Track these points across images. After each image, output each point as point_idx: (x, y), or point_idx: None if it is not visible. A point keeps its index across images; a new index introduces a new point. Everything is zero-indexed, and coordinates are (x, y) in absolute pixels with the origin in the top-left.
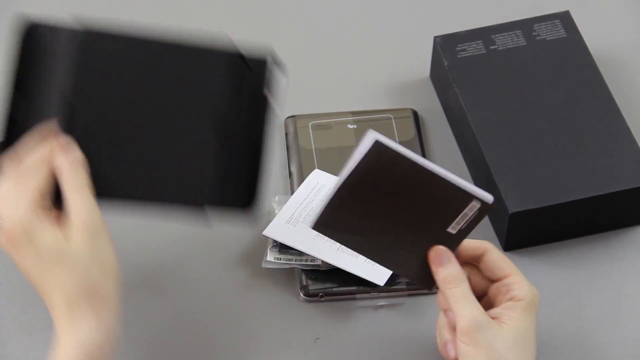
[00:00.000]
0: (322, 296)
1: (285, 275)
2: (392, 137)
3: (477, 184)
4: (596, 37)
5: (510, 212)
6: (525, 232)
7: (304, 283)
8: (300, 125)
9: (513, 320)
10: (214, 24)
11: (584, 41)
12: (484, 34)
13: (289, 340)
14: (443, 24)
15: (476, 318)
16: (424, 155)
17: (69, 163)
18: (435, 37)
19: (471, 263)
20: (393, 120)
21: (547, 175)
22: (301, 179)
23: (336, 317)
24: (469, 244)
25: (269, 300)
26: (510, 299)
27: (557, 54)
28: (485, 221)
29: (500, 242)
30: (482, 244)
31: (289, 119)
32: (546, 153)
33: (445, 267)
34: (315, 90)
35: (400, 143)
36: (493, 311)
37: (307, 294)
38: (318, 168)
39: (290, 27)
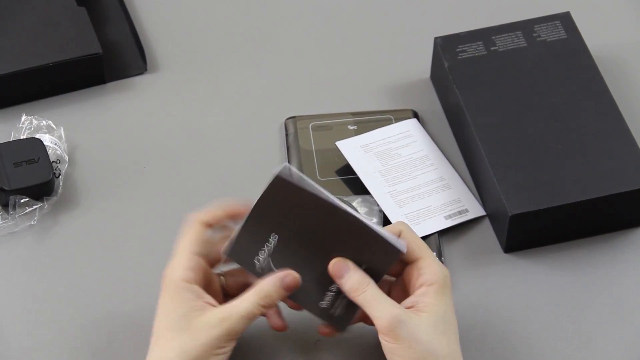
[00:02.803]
0: None
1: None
2: None
3: (478, 185)
4: (597, 38)
5: (510, 214)
6: (525, 234)
7: None
8: (301, 126)
9: (429, 306)
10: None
11: (585, 42)
12: (484, 35)
13: (289, 342)
14: (443, 24)
15: (392, 315)
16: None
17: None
18: (435, 38)
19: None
20: (393, 121)
21: (548, 177)
22: None
23: None
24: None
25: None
26: (422, 284)
27: (557, 55)
28: (486, 223)
29: (501, 244)
30: (396, 225)
31: (289, 119)
32: (546, 154)
33: (347, 276)
34: (315, 91)
35: None
36: (408, 300)
37: None
38: (318, 169)
39: (291, 27)
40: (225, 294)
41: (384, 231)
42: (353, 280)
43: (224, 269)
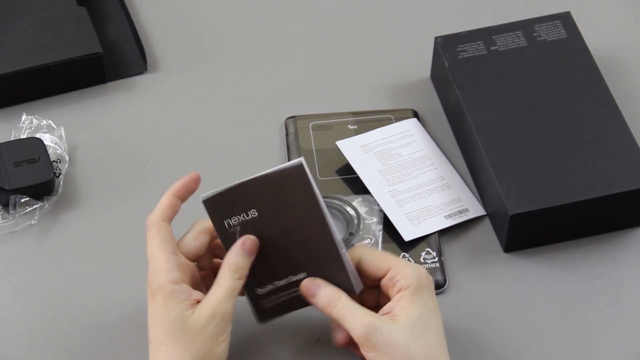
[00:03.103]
0: None
1: None
2: None
3: (478, 184)
4: (597, 37)
5: (510, 214)
6: (525, 234)
7: None
8: (301, 126)
9: (404, 309)
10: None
11: (585, 42)
12: (484, 34)
13: (289, 342)
14: (444, 24)
15: (365, 324)
16: None
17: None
18: (436, 38)
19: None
20: (393, 121)
21: (548, 177)
22: None
23: None
24: None
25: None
26: (399, 290)
27: (557, 55)
28: (486, 222)
29: (501, 244)
30: (354, 252)
31: (289, 119)
32: (546, 154)
33: (320, 293)
34: (315, 91)
35: None
36: (385, 307)
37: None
38: (319, 168)
39: (291, 27)
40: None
41: (350, 265)
42: (325, 297)
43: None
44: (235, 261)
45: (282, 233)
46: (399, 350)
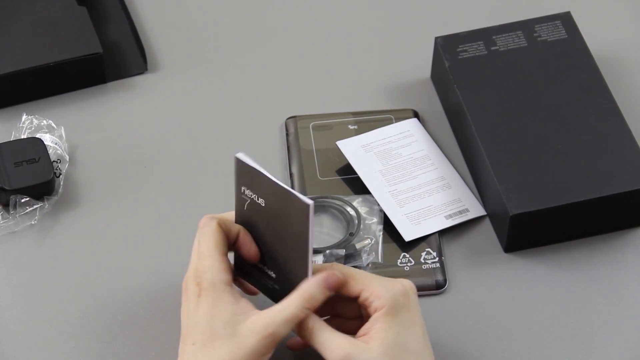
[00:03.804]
0: None
1: None
2: None
3: (478, 185)
4: (597, 38)
5: (511, 214)
6: (525, 234)
7: None
8: (301, 126)
9: (379, 332)
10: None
11: (585, 42)
12: (485, 34)
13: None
14: (444, 24)
15: (344, 353)
16: None
17: None
18: (436, 38)
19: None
20: (394, 121)
21: (548, 177)
22: (302, 180)
23: None
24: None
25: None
26: (374, 311)
27: (558, 55)
28: (486, 222)
29: (501, 244)
30: (325, 267)
31: (289, 119)
32: (547, 154)
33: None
34: (316, 91)
35: None
36: (362, 329)
37: None
38: (319, 169)
39: (291, 27)
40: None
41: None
42: (301, 324)
43: None
44: (313, 293)
45: (273, 232)
46: None
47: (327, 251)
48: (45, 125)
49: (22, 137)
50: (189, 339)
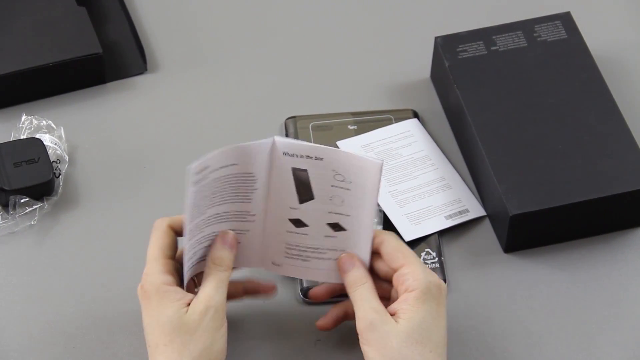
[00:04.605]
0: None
1: (285, 277)
2: None
3: (478, 185)
4: (597, 38)
5: (510, 215)
6: (525, 234)
7: (304, 285)
8: (301, 126)
9: (407, 312)
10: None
11: (585, 42)
12: (485, 34)
13: (289, 342)
14: (444, 24)
15: (368, 318)
16: None
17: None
18: (436, 38)
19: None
20: (393, 121)
21: (548, 177)
22: None
23: None
24: None
25: (269, 303)
26: (405, 291)
27: (558, 55)
28: (486, 223)
29: (501, 244)
30: (379, 234)
31: (289, 119)
32: (547, 155)
33: (350, 272)
34: (315, 91)
35: None
36: (392, 306)
37: (307, 296)
38: None
39: (291, 27)
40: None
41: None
42: (354, 276)
43: None
44: (218, 255)
45: None
46: (391, 351)
47: None
48: (44, 126)
49: (22, 137)
50: (147, 342)
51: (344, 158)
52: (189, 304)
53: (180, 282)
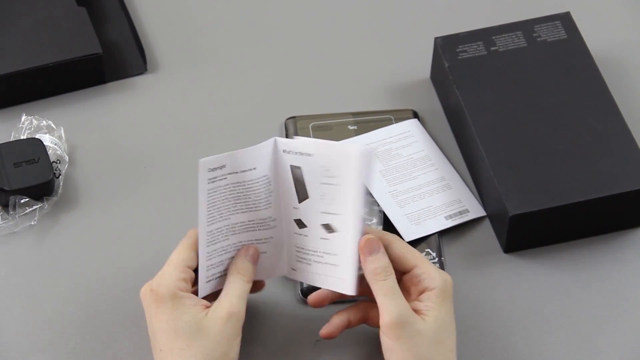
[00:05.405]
0: None
1: (285, 278)
2: None
3: (478, 185)
4: (597, 38)
5: (510, 215)
6: (525, 234)
7: (304, 285)
8: (301, 126)
9: (432, 310)
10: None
11: (585, 42)
12: (484, 35)
13: (288, 343)
14: (444, 24)
15: (402, 314)
16: None
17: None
18: (435, 38)
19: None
20: (393, 121)
21: (548, 177)
22: None
23: None
24: (373, 233)
25: (269, 303)
26: (424, 290)
27: (557, 55)
28: (486, 223)
29: (501, 244)
30: (385, 236)
31: (289, 119)
32: (546, 155)
33: (376, 257)
34: (315, 91)
35: None
36: (414, 304)
37: (307, 296)
38: None
39: (291, 27)
40: None
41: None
42: (379, 264)
43: None
44: (242, 266)
45: None
46: (420, 349)
47: None
48: (44, 126)
49: (22, 137)
50: (156, 347)
51: (328, 150)
52: (205, 308)
53: (194, 292)
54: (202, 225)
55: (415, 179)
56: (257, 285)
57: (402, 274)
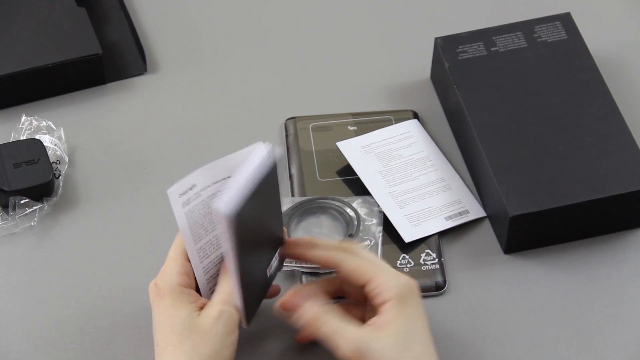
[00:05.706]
0: None
1: (285, 278)
2: None
3: (478, 186)
4: (597, 38)
5: (510, 215)
6: (525, 235)
7: (303, 283)
8: (301, 127)
9: (392, 322)
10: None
11: (585, 43)
12: (484, 35)
13: (289, 343)
14: (444, 25)
15: (356, 345)
16: None
17: None
18: (436, 39)
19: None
20: (393, 122)
21: (548, 178)
22: (302, 181)
23: None
24: (320, 259)
25: (269, 302)
26: (381, 303)
27: (558, 56)
28: (486, 224)
29: (501, 245)
30: (335, 255)
31: (289, 120)
32: (547, 155)
33: (302, 310)
34: (315, 92)
35: None
36: (373, 320)
37: None
38: (318, 170)
39: (291, 27)
40: None
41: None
42: (309, 315)
43: None
44: None
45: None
46: None
47: None
48: (44, 127)
49: (22, 138)
50: (155, 341)
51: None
52: (201, 308)
53: (196, 285)
54: (190, 246)
55: (415, 179)
56: (272, 291)
57: (361, 289)
